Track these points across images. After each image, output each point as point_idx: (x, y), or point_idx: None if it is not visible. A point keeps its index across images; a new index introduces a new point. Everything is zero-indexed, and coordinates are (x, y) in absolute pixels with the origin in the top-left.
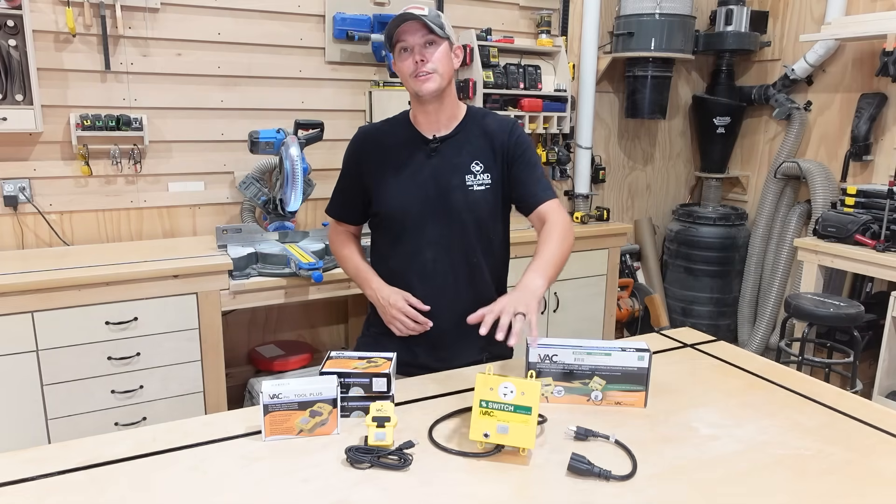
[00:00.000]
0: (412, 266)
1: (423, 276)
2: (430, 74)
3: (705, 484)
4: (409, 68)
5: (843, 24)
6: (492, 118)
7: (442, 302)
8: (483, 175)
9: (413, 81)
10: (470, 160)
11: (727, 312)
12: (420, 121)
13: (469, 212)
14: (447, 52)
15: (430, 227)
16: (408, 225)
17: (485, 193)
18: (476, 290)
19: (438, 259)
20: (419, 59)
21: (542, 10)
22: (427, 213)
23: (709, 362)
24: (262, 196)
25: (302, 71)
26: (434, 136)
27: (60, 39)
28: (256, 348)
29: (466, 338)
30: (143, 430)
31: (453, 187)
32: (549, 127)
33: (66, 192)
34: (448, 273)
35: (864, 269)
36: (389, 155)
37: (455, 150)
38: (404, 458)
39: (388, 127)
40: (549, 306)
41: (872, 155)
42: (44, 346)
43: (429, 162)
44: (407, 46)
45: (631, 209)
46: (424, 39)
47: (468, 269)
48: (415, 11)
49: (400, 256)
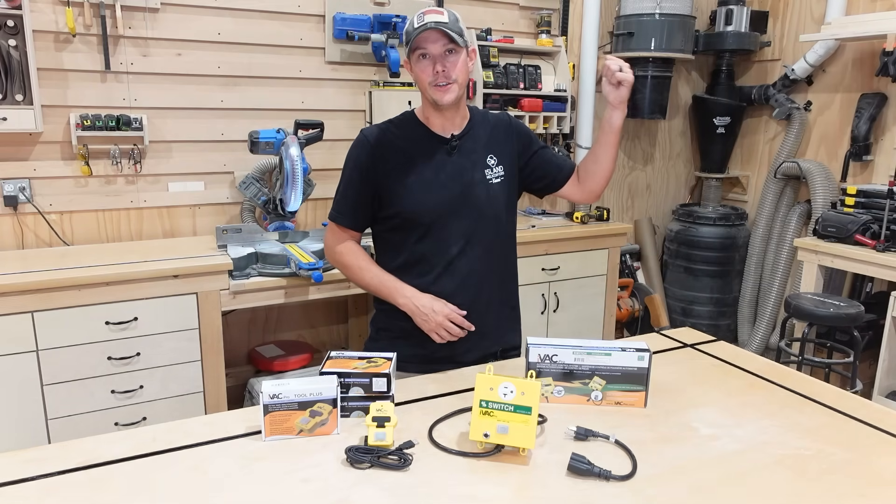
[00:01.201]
0: (437, 263)
1: (449, 273)
2: (450, 85)
3: (705, 484)
4: (428, 76)
5: (843, 24)
6: (489, 115)
7: (466, 296)
8: (497, 168)
9: (432, 90)
10: (485, 154)
11: (727, 312)
12: (434, 122)
13: (490, 205)
14: (465, 59)
15: (454, 224)
16: (433, 223)
17: (501, 185)
18: (499, 281)
19: (464, 254)
20: (440, 68)
21: (542, 10)
22: (452, 211)
23: (709, 362)
24: (262, 196)
25: (302, 71)
26: (452, 135)
27: (60, 39)
28: (256, 348)
29: (485, 331)
30: (143, 430)
31: (476, 182)
32: (549, 127)
33: (66, 192)
34: (473, 267)
35: (864, 269)
36: (407, 156)
37: (471, 146)
38: (404, 458)
39: (397, 129)
40: (549, 306)
41: (872, 155)
42: (44, 346)
43: (450, 160)
44: (427, 54)
45: (631, 209)
46: (445, 48)
47: (491, 261)
48: (437, 18)
49: (422, 255)
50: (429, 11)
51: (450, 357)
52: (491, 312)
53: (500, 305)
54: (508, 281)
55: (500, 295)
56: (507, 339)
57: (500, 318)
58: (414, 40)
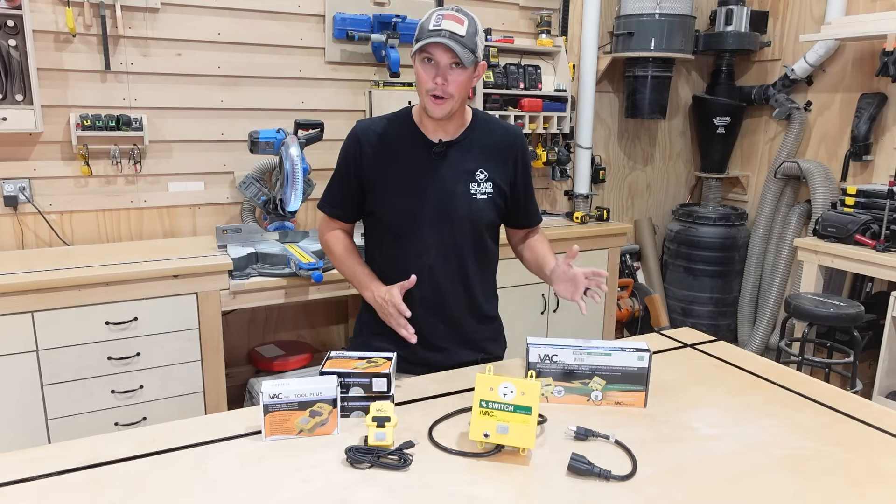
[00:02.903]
0: (409, 269)
1: (421, 280)
2: (446, 101)
3: (705, 484)
4: (426, 83)
5: (843, 24)
6: (496, 125)
7: (438, 306)
8: (486, 184)
9: (427, 99)
10: (475, 168)
11: (727, 312)
12: (426, 125)
13: (470, 220)
14: (470, 76)
15: (429, 232)
16: (406, 228)
17: (487, 202)
18: (470, 296)
19: (436, 264)
20: (441, 81)
21: (542, 10)
22: (428, 218)
23: (709, 362)
24: (262, 196)
25: (302, 71)
26: (440, 141)
27: (60, 39)
28: (256, 348)
29: (461, 341)
30: (143, 430)
31: (458, 195)
32: (549, 127)
33: (66, 192)
34: (445, 278)
35: (864, 269)
36: (391, 154)
37: (460, 157)
38: (404, 458)
39: (390, 125)
40: (549, 306)
41: (872, 155)
42: (44, 346)
43: (433, 166)
44: (433, 59)
45: (631, 209)
46: (451, 61)
47: (464, 275)
48: (455, 29)
49: (397, 258)
50: (449, 16)
51: (426, 362)
52: (468, 325)
53: (477, 319)
54: (488, 297)
55: (478, 310)
56: (488, 349)
57: (477, 331)
58: (424, 45)
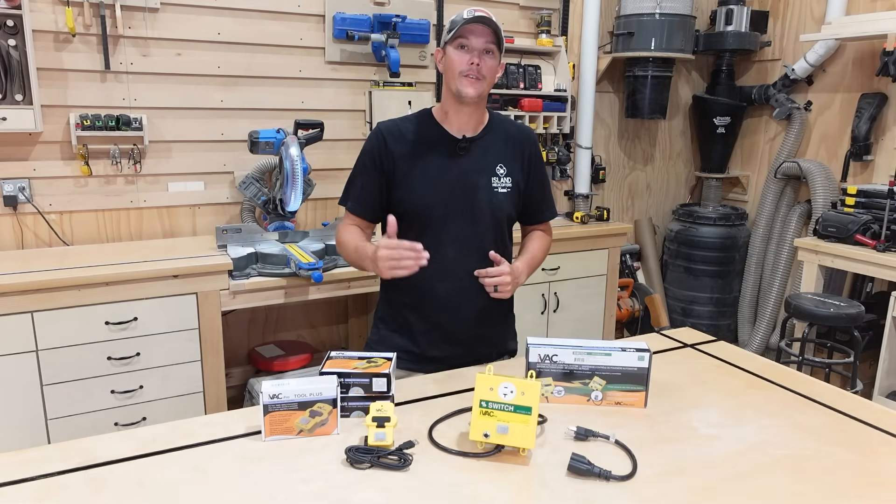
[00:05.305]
0: (432, 263)
1: (443, 274)
2: (480, 81)
3: (705, 484)
4: (462, 65)
5: (843, 23)
6: (510, 124)
7: (459, 299)
8: (506, 178)
9: (460, 80)
10: (495, 163)
11: (727, 312)
12: (451, 120)
13: (491, 213)
14: (497, 66)
15: (452, 226)
16: (430, 222)
17: (507, 196)
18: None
19: (458, 258)
20: (476, 61)
21: (542, 10)
22: (451, 212)
23: (709, 362)
24: (262, 196)
25: (302, 71)
26: (464, 136)
27: (60, 39)
28: (256, 348)
29: (481, 335)
30: (143, 430)
31: (480, 187)
32: (549, 127)
33: (66, 192)
34: (467, 272)
35: (864, 269)
36: (416, 150)
37: (482, 152)
38: (404, 458)
39: (411, 125)
40: (550, 306)
41: (873, 155)
42: (44, 346)
43: (457, 161)
44: (467, 45)
45: (631, 209)
46: (485, 47)
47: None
48: (488, 15)
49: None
50: (480, 10)
51: (441, 359)
52: (486, 319)
53: (495, 313)
54: None
55: (496, 303)
56: (503, 345)
57: (495, 325)
58: (460, 28)
